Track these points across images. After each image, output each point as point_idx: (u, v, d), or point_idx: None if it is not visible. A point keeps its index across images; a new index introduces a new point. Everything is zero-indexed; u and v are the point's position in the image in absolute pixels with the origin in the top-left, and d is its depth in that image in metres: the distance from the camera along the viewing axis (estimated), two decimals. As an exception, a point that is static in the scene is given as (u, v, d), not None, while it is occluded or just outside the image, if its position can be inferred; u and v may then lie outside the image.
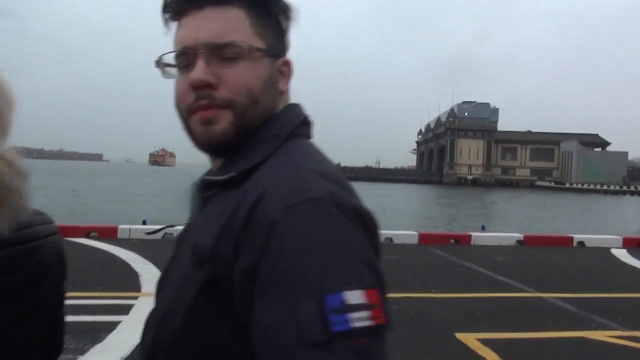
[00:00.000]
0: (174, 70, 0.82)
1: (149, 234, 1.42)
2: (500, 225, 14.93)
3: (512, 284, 6.99)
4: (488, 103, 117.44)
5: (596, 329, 5.06)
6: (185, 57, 0.79)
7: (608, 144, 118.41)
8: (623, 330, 4.99)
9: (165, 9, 0.82)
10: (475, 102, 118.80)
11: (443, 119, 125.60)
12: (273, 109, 0.83)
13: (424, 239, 10.58)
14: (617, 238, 11.09)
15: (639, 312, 5.79)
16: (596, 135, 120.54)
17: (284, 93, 0.85)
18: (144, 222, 10.95)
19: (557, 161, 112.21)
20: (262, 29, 0.80)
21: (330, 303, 0.60)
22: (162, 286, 0.82)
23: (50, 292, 0.92)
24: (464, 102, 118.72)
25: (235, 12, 0.78)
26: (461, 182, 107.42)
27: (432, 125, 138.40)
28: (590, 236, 11.28)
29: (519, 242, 10.81)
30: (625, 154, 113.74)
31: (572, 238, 11.03)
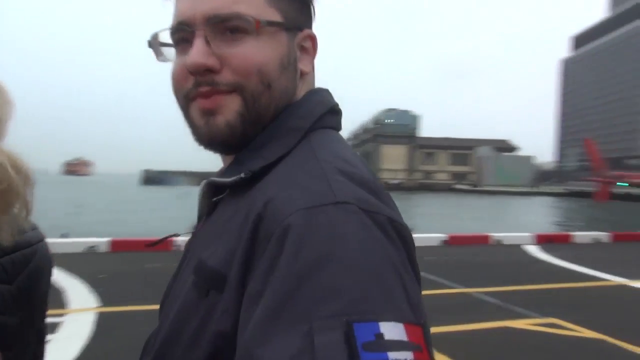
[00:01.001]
0: (172, 51, 0.68)
1: (149, 245, 1.25)
2: (425, 227, 15.67)
3: (440, 281, 7.36)
4: (410, 110, 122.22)
5: (517, 318, 5.48)
6: (183, 35, 0.65)
7: (517, 148, 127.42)
8: (540, 318, 5.45)
9: None
10: (397, 109, 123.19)
11: (368, 126, 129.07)
12: (293, 94, 0.68)
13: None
14: (529, 235, 11.99)
15: (552, 301, 6.33)
16: (506, 141, 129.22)
17: (306, 75, 0.71)
18: (64, 235, 10.33)
19: (473, 165, 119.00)
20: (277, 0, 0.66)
21: (360, 335, 0.43)
22: (164, 304, 0.70)
23: (42, 299, 0.91)
24: (388, 109, 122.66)
25: None
26: (387, 187, 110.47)
27: (358, 132, 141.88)
28: (506, 234, 12.06)
29: (444, 241, 11.37)
30: (532, 157, 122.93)
31: (490, 237, 11.79)
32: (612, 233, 12.95)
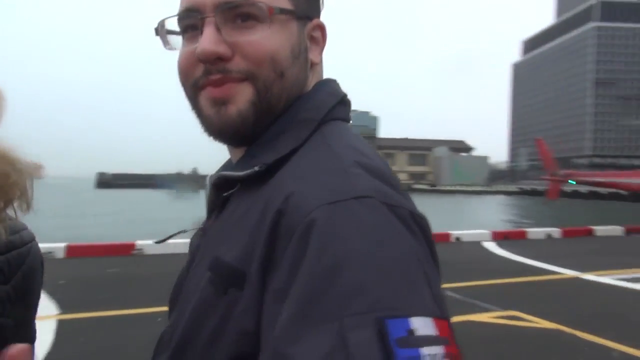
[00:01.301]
0: (178, 39, 0.66)
1: (158, 242, 1.17)
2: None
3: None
4: (368, 111, 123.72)
5: (479, 312, 5.66)
6: (191, 21, 0.63)
7: (473, 149, 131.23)
8: (501, 311, 5.65)
9: None
10: (357, 110, 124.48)
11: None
12: (303, 84, 0.67)
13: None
14: (487, 232, 12.39)
15: (511, 294, 6.58)
16: (462, 141, 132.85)
17: (316, 65, 0.70)
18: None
19: (431, 165, 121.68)
20: None
21: (393, 331, 0.42)
22: (175, 303, 0.68)
23: (36, 299, 0.89)
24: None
25: None
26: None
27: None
28: (465, 232, 12.42)
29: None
30: (487, 157, 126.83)
31: (450, 234, 12.11)
32: (563, 229, 13.56)
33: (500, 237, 12.18)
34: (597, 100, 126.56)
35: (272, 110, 0.64)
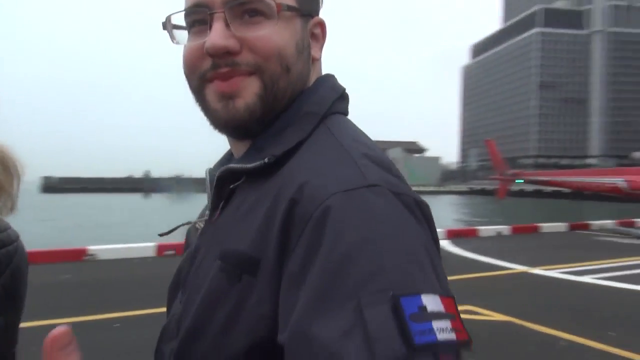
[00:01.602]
0: (184, 34, 0.68)
1: (162, 235, 1.13)
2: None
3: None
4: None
5: (436, 307, 5.86)
6: (199, 16, 0.65)
7: (426, 150, 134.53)
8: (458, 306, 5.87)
9: None
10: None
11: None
12: (306, 79, 0.69)
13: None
14: (441, 230, 12.76)
15: (466, 290, 6.83)
16: (415, 142, 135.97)
17: (316, 61, 0.72)
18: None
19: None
20: None
21: (407, 307, 0.46)
22: (175, 295, 0.71)
23: (23, 299, 0.89)
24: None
25: None
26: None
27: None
28: (421, 230, 12.76)
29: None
30: (439, 158, 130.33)
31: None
32: (512, 226, 14.17)
33: (453, 235, 12.59)
34: (541, 102, 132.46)
35: (278, 104, 0.66)
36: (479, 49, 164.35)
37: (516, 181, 20.46)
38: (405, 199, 0.55)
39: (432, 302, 0.47)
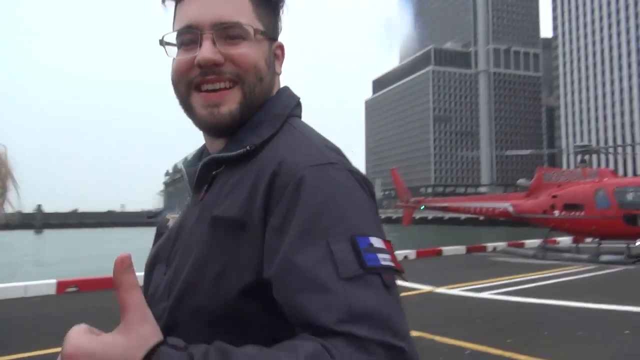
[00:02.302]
0: (173, 49, 0.84)
1: (150, 217, 1.13)
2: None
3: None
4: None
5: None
6: (190, 36, 0.80)
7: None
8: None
9: None
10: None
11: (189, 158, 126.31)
12: (272, 88, 0.88)
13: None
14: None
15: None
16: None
17: (277, 75, 0.91)
18: None
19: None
20: (262, 13, 0.85)
21: (361, 243, 0.67)
22: (152, 271, 0.86)
23: None
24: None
25: None
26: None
27: (179, 166, 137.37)
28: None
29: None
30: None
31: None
32: (417, 250, 15.02)
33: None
34: (435, 135, 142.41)
35: (254, 108, 0.84)
36: (380, 84, 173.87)
37: (421, 208, 21.70)
38: (355, 175, 0.76)
39: (377, 242, 0.69)
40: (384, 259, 0.68)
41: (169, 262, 0.83)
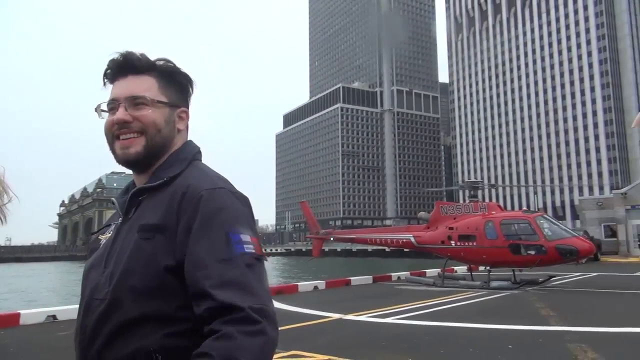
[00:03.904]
0: (105, 113, 1.27)
1: (93, 234, 1.33)
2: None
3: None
4: (124, 172, 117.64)
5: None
6: (113, 105, 1.25)
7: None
8: (283, 352, 6.31)
9: (105, 76, 1.28)
10: (124, 173, 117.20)
11: (90, 190, 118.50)
12: (172, 138, 1.28)
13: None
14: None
15: (291, 338, 7.34)
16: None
17: (181, 130, 1.32)
18: None
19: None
20: (166, 89, 1.27)
21: (234, 237, 1.11)
22: (91, 270, 1.24)
23: None
24: (113, 173, 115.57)
25: (147, 79, 1.26)
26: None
27: (77, 197, 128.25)
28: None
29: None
30: (256, 221, 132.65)
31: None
32: (326, 281, 15.44)
33: (276, 292, 13.17)
34: (344, 169, 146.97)
35: (155, 150, 1.24)
36: (291, 118, 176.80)
37: (331, 238, 22.22)
38: (237, 195, 1.20)
39: (245, 237, 1.13)
40: (248, 248, 1.11)
41: (107, 264, 1.20)
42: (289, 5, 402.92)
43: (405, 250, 26.08)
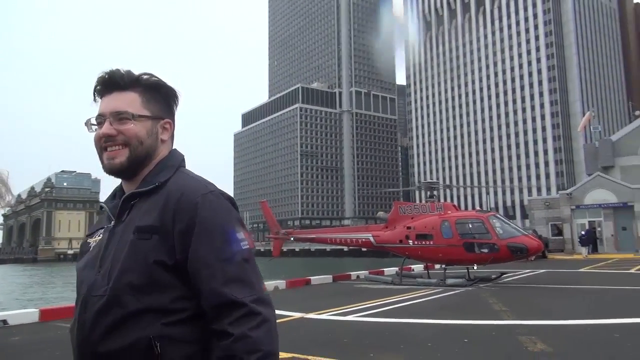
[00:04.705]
0: (94, 127, 1.37)
1: (88, 235, 1.42)
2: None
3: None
4: (89, 173, 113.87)
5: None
6: (100, 119, 1.35)
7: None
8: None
9: (95, 92, 1.39)
10: (75, 171, 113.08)
11: (38, 189, 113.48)
12: (155, 148, 1.38)
13: (48, 314, 9.78)
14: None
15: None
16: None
17: (166, 141, 1.42)
18: None
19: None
20: (149, 104, 1.37)
21: (231, 237, 1.25)
22: (84, 270, 1.32)
23: None
24: (63, 172, 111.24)
25: (131, 95, 1.36)
26: (60, 258, 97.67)
27: (23, 196, 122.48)
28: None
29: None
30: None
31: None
32: (287, 280, 15.51)
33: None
34: (302, 170, 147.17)
35: (138, 160, 1.34)
36: (249, 118, 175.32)
37: (291, 239, 22.28)
38: (226, 197, 1.32)
39: (240, 235, 1.27)
40: (244, 245, 1.26)
41: (102, 263, 1.29)
42: (249, 4, 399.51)
43: (363, 249, 26.46)
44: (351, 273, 18.27)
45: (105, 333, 1.21)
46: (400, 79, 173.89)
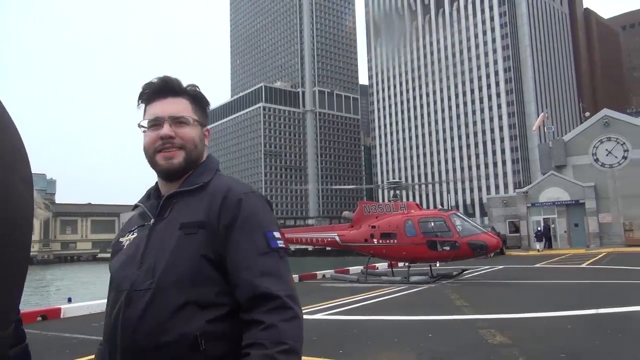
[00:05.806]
0: (145, 129, 1.43)
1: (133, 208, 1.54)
2: (84, 296, 14.90)
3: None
4: (44, 174, 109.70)
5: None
6: (156, 122, 1.41)
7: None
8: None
9: (140, 97, 1.46)
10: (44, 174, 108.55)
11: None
12: (202, 152, 1.49)
13: None
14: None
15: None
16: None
17: (205, 146, 1.54)
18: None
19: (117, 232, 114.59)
20: (197, 110, 1.48)
21: (269, 235, 1.32)
22: (124, 273, 1.34)
23: None
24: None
25: (184, 101, 1.46)
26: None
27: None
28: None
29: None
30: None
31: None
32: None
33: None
34: (266, 169, 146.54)
35: (192, 162, 1.43)
36: (211, 117, 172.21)
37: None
38: (264, 198, 1.41)
39: (276, 234, 1.34)
40: (280, 243, 1.33)
41: (143, 259, 1.33)
42: (210, 1, 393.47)
43: (327, 249, 26.72)
44: (317, 272, 18.47)
45: (154, 326, 1.24)
46: (363, 79, 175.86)
